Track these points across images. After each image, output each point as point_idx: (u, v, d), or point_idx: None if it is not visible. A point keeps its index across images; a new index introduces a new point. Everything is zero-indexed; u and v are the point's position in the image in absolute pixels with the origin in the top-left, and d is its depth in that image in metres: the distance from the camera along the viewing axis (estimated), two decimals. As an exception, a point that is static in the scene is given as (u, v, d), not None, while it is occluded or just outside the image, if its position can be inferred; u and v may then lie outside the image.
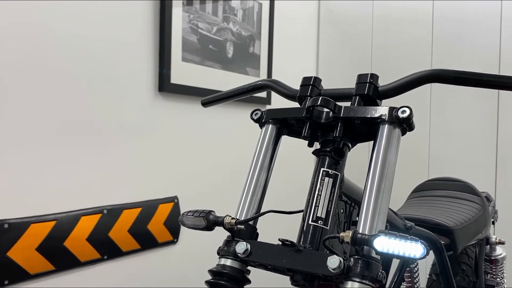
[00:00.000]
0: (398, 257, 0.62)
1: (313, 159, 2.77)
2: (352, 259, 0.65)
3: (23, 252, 1.38)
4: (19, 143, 1.40)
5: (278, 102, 2.47)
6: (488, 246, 1.56)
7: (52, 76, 1.47)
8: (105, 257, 1.62)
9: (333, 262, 0.64)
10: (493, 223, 1.58)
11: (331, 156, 0.77)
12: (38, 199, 1.44)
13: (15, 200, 1.39)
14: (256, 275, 0.87)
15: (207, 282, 0.73)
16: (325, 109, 0.78)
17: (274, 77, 2.47)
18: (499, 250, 1.58)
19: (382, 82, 0.83)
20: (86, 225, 1.55)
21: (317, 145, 0.80)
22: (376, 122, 0.74)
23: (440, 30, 2.41)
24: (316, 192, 0.75)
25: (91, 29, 1.58)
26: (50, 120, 1.47)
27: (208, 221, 0.76)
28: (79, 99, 1.55)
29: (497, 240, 1.56)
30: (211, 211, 0.77)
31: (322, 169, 0.77)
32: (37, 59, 1.43)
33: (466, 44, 2.33)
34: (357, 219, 0.69)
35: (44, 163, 1.46)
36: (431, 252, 1.19)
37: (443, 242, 1.18)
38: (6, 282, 1.34)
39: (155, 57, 1.81)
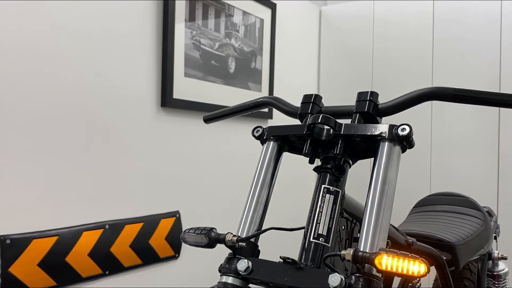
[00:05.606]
0: (399, 275, 0.62)
1: (314, 176, 2.77)
2: (353, 277, 0.65)
3: (25, 267, 1.38)
4: (22, 160, 1.41)
5: (280, 117, 2.48)
6: (491, 261, 1.55)
7: (55, 90, 1.49)
8: (107, 272, 1.61)
9: (335, 280, 0.64)
10: (495, 238, 1.58)
11: (332, 173, 0.77)
12: (40, 214, 1.45)
13: (17, 215, 1.39)
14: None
15: (208, 300, 0.73)
16: (326, 127, 0.78)
17: (275, 91, 2.48)
18: (502, 266, 1.57)
19: (383, 97, 0.83)
20: (88, 240, 1.55)
21: (318, 162, 0.81)
22: (376, 140, 0.75)
23: (440, 47, 2.43)
24: (317, 209, 0.75)
25: (94, 43, 1.60)
26: (52, 137, 1.48)
27: (210, 239, 0.76)
28: (81, 114, 1.56)
29: (499, 255, 1.55)
30: (212, 228, 0.78)
31: (323, 186, 0.77)
32: (41, 74, 1.45)
33: (466, 61, 2.35)
34: (358, 236, 0.69)
35: (45, 179, 1.46)
36: (433, 267, 1.18)
37: (445, 258, 1.18)
38: (7, 298, 1.34)
39: (157, 73, 1.83)
